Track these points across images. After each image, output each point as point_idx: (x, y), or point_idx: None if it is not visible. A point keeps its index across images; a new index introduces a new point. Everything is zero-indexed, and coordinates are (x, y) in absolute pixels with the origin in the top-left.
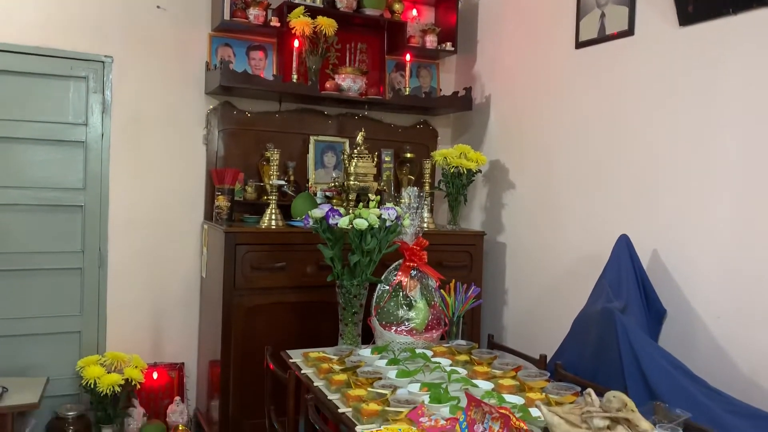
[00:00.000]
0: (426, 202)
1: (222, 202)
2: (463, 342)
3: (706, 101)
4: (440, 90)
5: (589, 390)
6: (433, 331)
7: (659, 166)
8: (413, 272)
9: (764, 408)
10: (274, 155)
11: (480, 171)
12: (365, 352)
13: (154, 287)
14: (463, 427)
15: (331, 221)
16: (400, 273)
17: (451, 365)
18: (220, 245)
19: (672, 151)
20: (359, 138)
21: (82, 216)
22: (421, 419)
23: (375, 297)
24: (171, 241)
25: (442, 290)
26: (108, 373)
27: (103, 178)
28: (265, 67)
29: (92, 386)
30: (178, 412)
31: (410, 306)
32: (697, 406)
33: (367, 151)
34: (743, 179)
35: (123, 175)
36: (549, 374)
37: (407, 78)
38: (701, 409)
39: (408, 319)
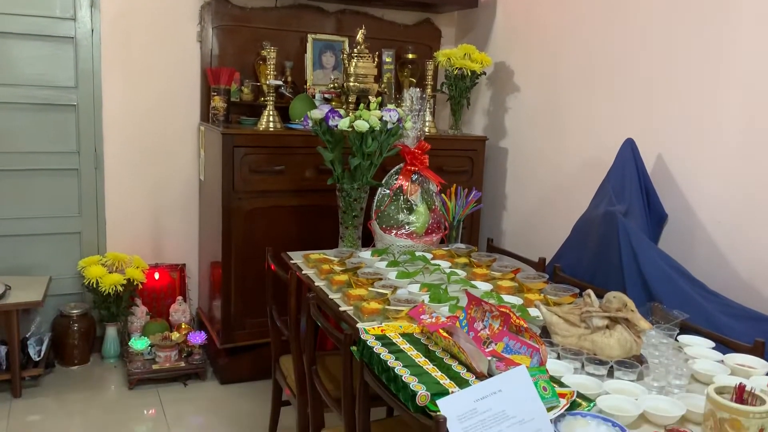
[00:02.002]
0: (428, 105)
1: (218, 102)
2: (462, 245)
3: (719, 1)
4: None
5: (589, 291)
6: (433, 234)
7: (668, 68)
8: (414, 176)
9: (761, 310)
10: (271, 54)
11: (484, 73)
12: (365, 254)
13: (152, 189)
14: (464, 324)
15: (331, 123)
16: (401, 177)
17: (450, 267)
18: (217, 147)
19: (681, 53)
20: (359, 36)
21: (75, 116)
22: (421, 317)
23: (375, 201)
24: (167, 143)
25: (443, 194)
26: (109, 273)
27: (95, 76)
28: None
29: (95, 286)
30: (180, 312)
31: (411, 210)
32: (694, 308)
33: (367, 51)
34: (753, 83)
35: (115, 73)
36: (548, 276)
37: None
38: (699, 311)
39: (408, 223)
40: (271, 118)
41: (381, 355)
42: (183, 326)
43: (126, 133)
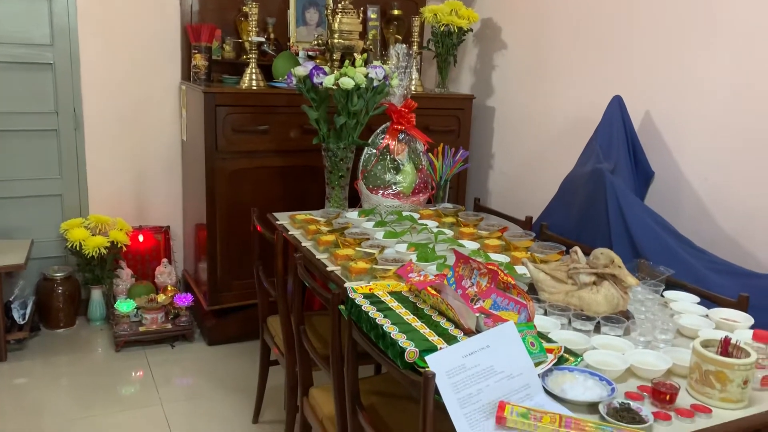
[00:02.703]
0: (414, 63)
1: (199, 61)
2: (449, 205)
3: None
4: None
5: (576, 248)
6: (420, 194)
7: (656, 25)
8: (401, 135)
9: (745, 266)
10: (253, 10)
11: (471, 30)
12: (352, 214)
13: (133, 150)
14: (452, 282)
15: (315, 80)
16: (387, 136)
17: (437, 227)
18: (199, 107)
19: (670, 9)
20: None
21: (52, 75)
22: (409, 275)
23: (362, 160)
24: (148, 102)
25: (430, 154)
26: (92, 236)
27: (71, 33)
28: None
29: (78, 249)
30: (166, 274)
31: (397, 170)
32: (680, 264)
33: (352, 7)
34: (740, 40)
35: (92, 30)
36: (534, 235)
37: None
38: (685, 267)
39: (395, 183)
40: (253, 77)
41: (369, 313)
42: (169, 288)
43: (105, 93)
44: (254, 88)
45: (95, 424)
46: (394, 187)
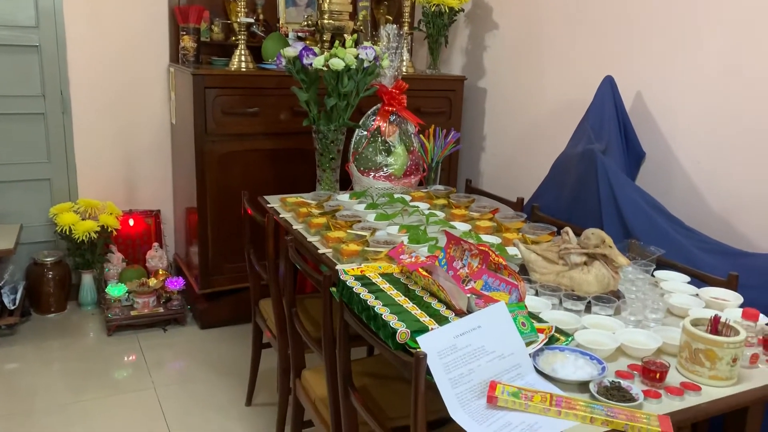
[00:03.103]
0: (405, 44)
1: (188, 42)
2: (441, 187)
3: None
4: None
5: (567, 228)
6: (412, 176)
7: (649, 6)
8: (392, 117)
9: (735, 245)
10: None
11: (462, 10)
12: (343, 197)
13: (122, 133)
14: (443, 263)
15: (305, 61)
16: (378, 118)
17: (429, 209)
18: (188, 89)
19: None
20: None
21: (38, 57)
22: (401, 257)
23: (353, 143)
24: (137, 85)
25: (421, 135)
26: (82, 220)
27: (56, 14)
28: None
29: (67, 233)
30: (157, 258)
31: (389, 152)
32: (671, 244)
33: None
34: (733, 22)
35: (78, 11)
36: (526, 216)
37: None
38: (675, 247)
39: (386, 165)
40: (243, 58)
41: (360, 295)
42: (160, 272)
43: (93, 76)
44: (243, 69)
45: (88, 409)
46: (385, 170)
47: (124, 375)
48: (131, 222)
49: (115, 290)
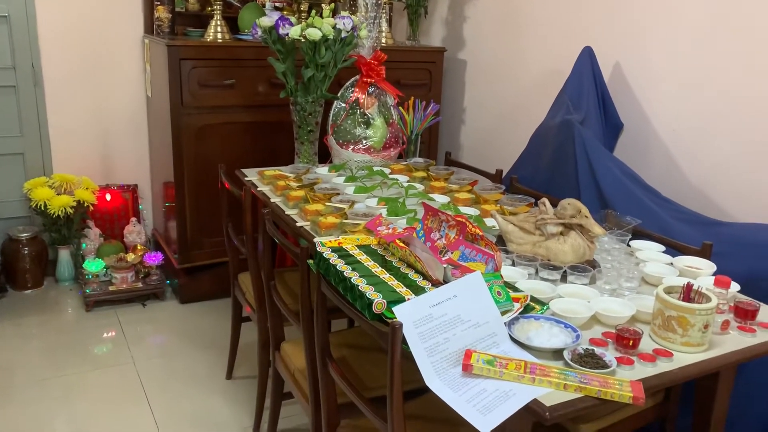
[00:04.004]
0: (384, 14)
1: (162, 13)
2: (420, 159)
3: None
4: None
5: (544, 199)
6: (391, 149)
7: None
8: (371, 89)
9: (710, 215)
10: None
11: None
12: (322, 170)
13: (97, 106)
14: (420, 235)
15: (281, 31)
16: (356, 89)
17: (408, 182)
18: (163, 61)
19: None
20: None
21: (7, 28)
22: (378, 228)
23: (331, 115)
24: (110, 57)
25: (400, 107)
26: (57, 195)
27: None
28: None
29: (42, 208)
30: (135, 233)
31: (368, 124)
32: (647, 214)
33: None
34: None
35: None
36: (504, 188)
37: None
38: (652, 217)
39: (365, 138)
40: (218, 29)
41: (337, 266)
42: (139, 247)
43: (65, 48)
44: (219, 40)
45: (68, 383)
46: (364, 142)
47: (104, 350)
48: (108, 197)
49: (93, 265)
